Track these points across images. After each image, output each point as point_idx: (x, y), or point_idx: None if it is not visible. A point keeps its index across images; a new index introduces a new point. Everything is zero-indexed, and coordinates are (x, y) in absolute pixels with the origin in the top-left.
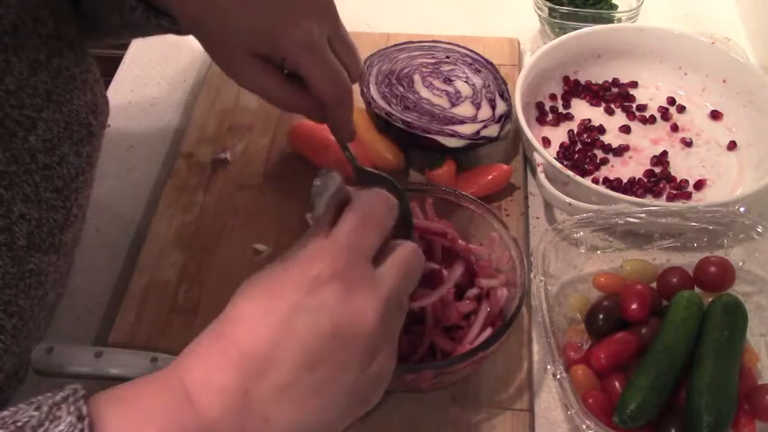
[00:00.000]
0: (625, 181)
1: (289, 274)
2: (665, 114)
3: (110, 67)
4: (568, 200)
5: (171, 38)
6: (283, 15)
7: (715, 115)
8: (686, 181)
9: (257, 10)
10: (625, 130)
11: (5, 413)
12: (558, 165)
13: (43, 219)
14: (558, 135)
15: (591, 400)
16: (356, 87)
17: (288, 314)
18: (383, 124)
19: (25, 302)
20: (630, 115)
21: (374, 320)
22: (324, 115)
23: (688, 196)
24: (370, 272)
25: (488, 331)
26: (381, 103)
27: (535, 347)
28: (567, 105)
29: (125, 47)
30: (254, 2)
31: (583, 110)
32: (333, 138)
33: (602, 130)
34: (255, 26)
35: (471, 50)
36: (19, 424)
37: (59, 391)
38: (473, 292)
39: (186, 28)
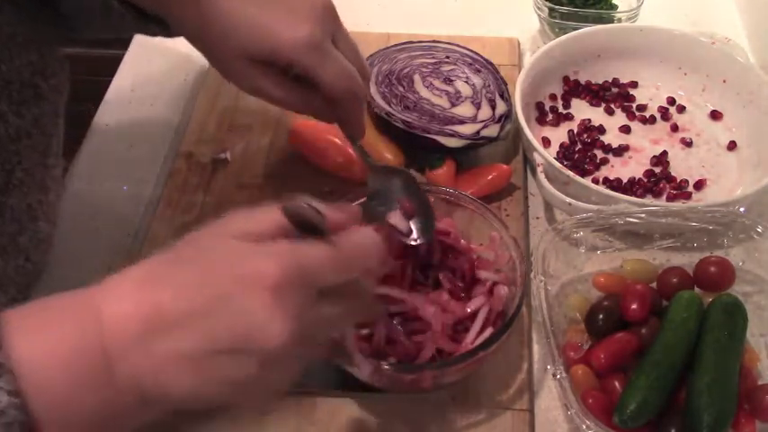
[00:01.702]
0: (625, 181)
1: (238, 257)
2: (665, 114)
3: (110, 67)
4: (568, 200)
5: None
6: (283, 18)
7: (715, 115)
8: (686, 181)
9: (256, 15)
10: (625, 130)
11: None
12: (558, 165)
13: None
14: (558, 135)
15: (591, 400)
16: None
17: (214, 299)
18: (383, 124)
19: None
20: (630, 115)
21: (282, 344)
22: (332, 114)
23: (688, 196)
24: (307, 300)
25: (489, 331)
26: (381, 103)
27: (535, 347)
28: (567, 105)
29: (125, 47)
30: (252, 7)
31: (583, 110)
32: (332, 139)
33: (602, 130)
34: (255, 31)
35: (471, 50)
36: None
37: None
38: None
39: (179, 32)
